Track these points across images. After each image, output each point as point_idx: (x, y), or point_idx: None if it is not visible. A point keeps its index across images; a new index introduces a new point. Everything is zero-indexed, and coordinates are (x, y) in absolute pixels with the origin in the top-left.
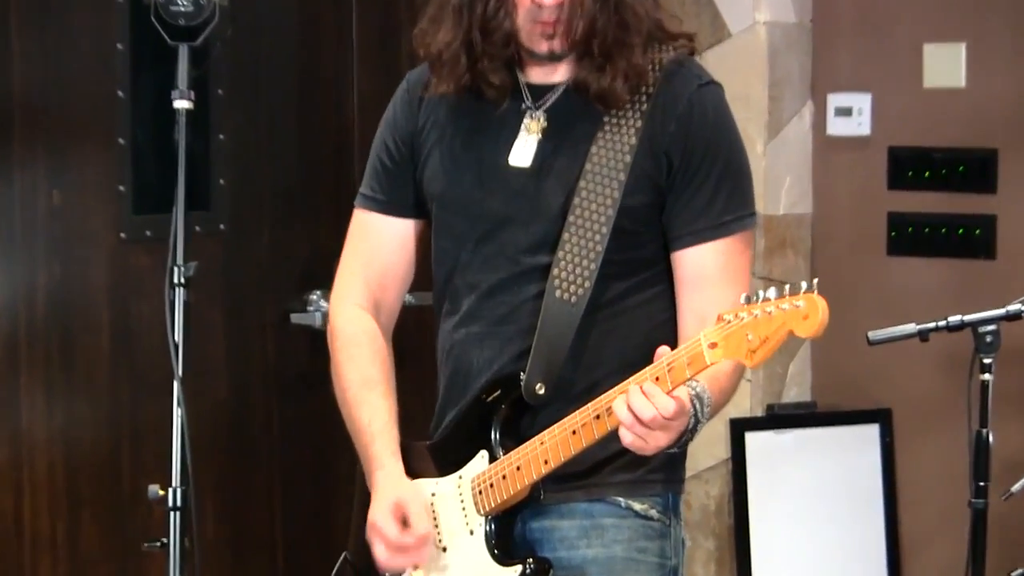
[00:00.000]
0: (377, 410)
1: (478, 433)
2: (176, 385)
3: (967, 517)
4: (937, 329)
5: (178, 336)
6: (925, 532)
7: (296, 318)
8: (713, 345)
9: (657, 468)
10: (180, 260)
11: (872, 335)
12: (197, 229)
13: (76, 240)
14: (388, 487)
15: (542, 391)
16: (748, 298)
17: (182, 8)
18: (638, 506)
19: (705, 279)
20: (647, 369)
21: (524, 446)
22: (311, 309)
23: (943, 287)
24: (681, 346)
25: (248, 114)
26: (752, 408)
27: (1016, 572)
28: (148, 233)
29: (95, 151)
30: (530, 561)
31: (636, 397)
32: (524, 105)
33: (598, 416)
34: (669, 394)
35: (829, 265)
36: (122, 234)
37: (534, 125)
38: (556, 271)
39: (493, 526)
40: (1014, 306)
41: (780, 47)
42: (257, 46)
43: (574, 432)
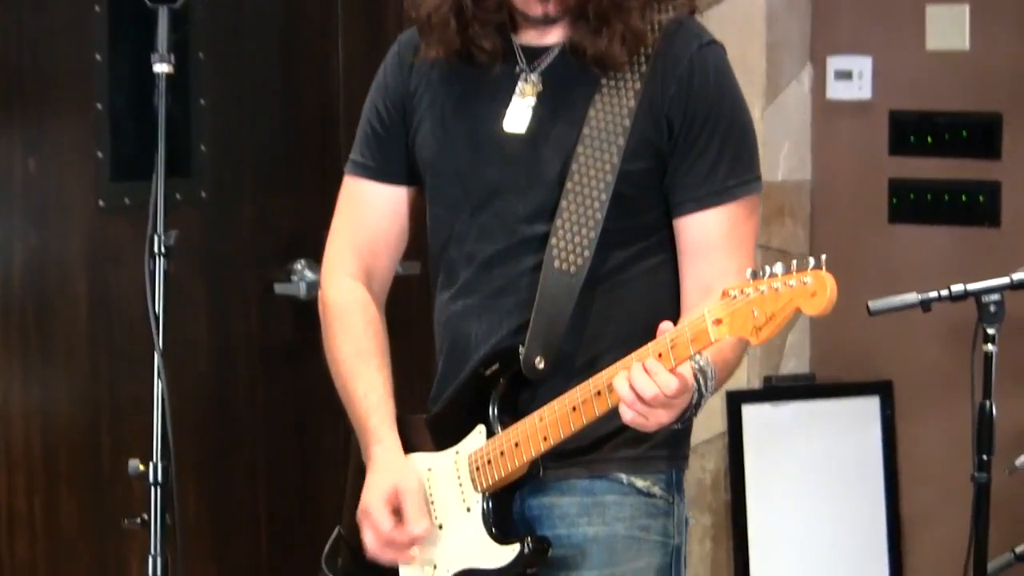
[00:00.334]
0: (372, 383)
1: (476, 408)
2: (157, 357)
3: (970, 491)
4: (939, 299)
5: (158, 307)
6: (927, 507)
7: (280, 288)
8: (718, 321)
9: (660, 444)
10: (160, 229)
11: (872, 305)
12: (177, 197)
13: (53, 208)
14: (384, 468)
15: (542, 365)
16: (754, 273)
17: None
18: (640, 483)
19: (709, 247)
20: (650, 345)
21: (523, 422)
22: (295, 279)
23: (946, 255)
24: (685, 322)
25: (230, 78)
26: (749, 380)
27: (1020, 547)
28: (127, 201)
29: (72, 117)
30: (529, 540)
31: (638, 374)
32: (518, 68)
33: (599, 392)
34: (672, 371)
35: (829, 233)
36: (100, 202)
37: (528, 88)
38: (554, 240)
39: (491, 503)
40: (1018, 275)
41: (778, 9)
42: (239, 8)
43: (574, 409)
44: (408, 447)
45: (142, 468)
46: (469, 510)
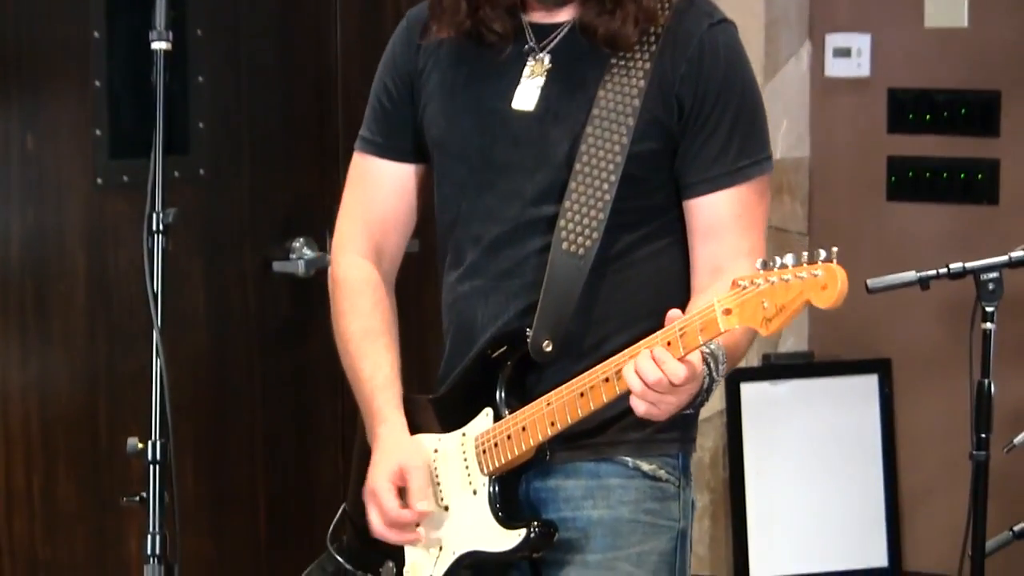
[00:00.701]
0: (379, 363)
1: (483, 390)
2: (155, 335)
3: (968, 470)
4: (938, 276)
5: (157, 285)
6: (925, 485)
7: (278, 266)
8: (727, 312)
9: (667, 427)
10: (158, 206)
11: (871, 283)
12: (176, 174)
13: (51, 186)
14: (390, 447)
15: (549, 348)
16: (765, 263)
17: None
18: (646, 466)
19: (720, 228)
20: (659, 333)
21: (530, 406)
22: (293, 257)
23: (944, 233)
24: (695, 311)
25: (228, 55)
26: (748, 358)
27: (1018, 525)
28: (125, 178)
29: (70, 94)
30: (535, 524)
31: (644, 362)
32: (527, 46)
33: (607, 379)
34: (680, 359)
35: (827, 211)
36: (98, 179)
37: (538, 67)
38: (563, 222)
39: (497, 487)
40: (1017, 252)
41: None
42: None
43: (582, 395)
44: (414, 428)
45: (140, 446)
46: (475, 492)
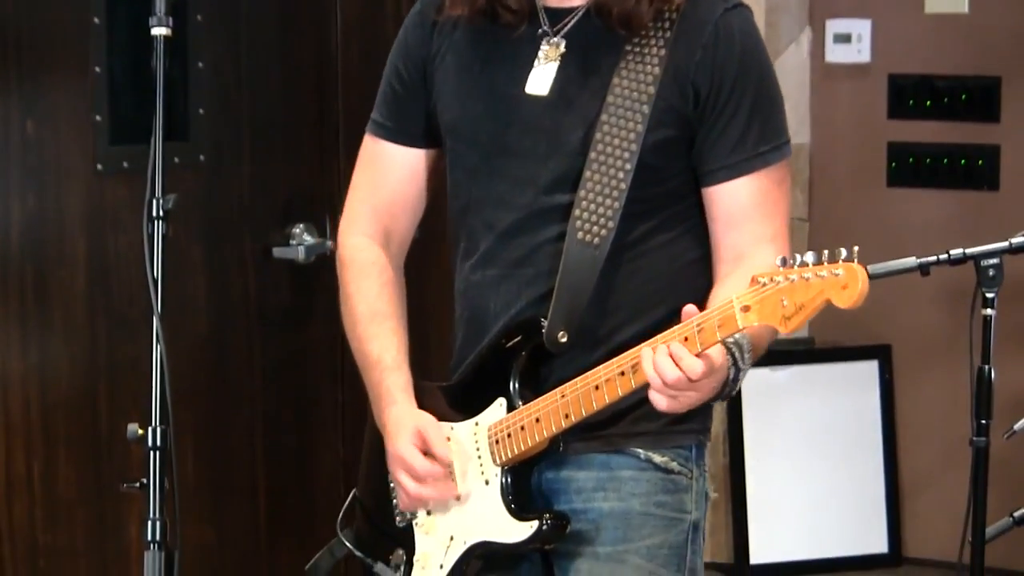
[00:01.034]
0: (387, 345)
1: (496, 379)
2: (155, 321)
3: (968, 456)
4: (938, 262)
5: (157, 271)
6: (925, 471)
7: (278, 252)
8: (746, 308)
9: (681, 419)
10: (159, 192)
11: (871, 269)
12: (176, 160)
13: (51, 172)
14: (405, 419)
15: (564, 339)
16: (784, 260)
17: None
18: (658, 458)
19: (742, 215)
20: (676, 328)
21: (544, 397)
22: (293, 243)
23: (944, 219)
24: (713, 307)
25: (228, 41)
26: None
27: (1018, 511)
28: (125, 164)
29: (70, 80)
30: (547, 516)
31: (662, 358)
32: (541, 30)
33: (622, 372)
34: (699, 355)
35: (827, 197)
36: (98, 165)
37: (552, 52)
38: (577, 212)
39: (509, 478)
40: (1018, 238)
41: None
42: None
43: (597, 387)
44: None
45: (141, 432)
46: (487, 483)
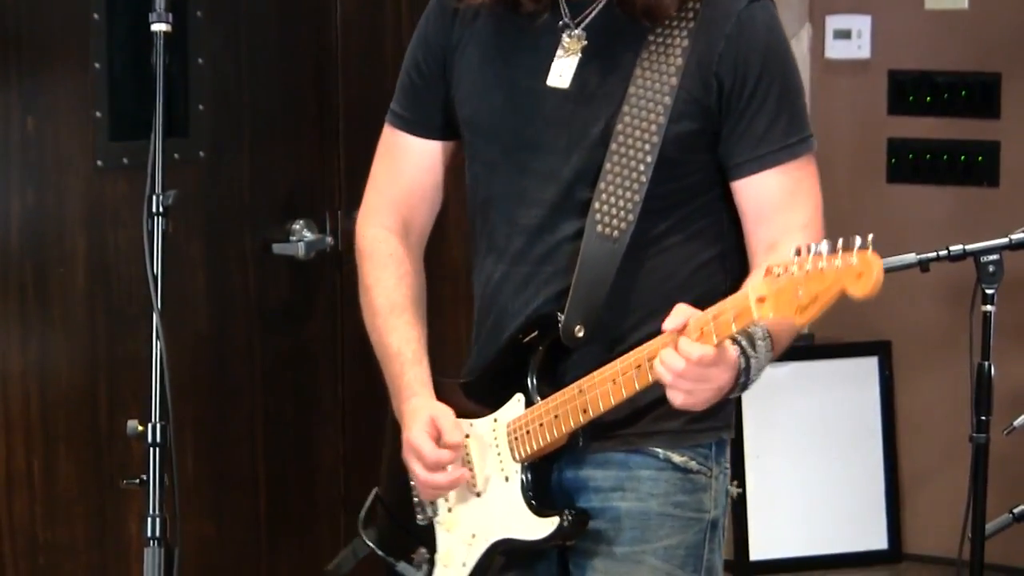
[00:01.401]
0: (407, 337)
1: (514, 375)
2: (155, 317)
3: (968, 452)
4: (938, 259)
5: (157, 267)
6: (925, 468)
7: (278, 248)
8: (761, 300)
9: (701, 416)
10: (159, 188)
11: None
12: (175, 156)
13: (51, 168)
14: (421, 409)
15: (581, 334)
16: (799, 250)
17: None
18: (677, 458)
19: (773, 208)
20: (692, 319)
21: (562, 393)
22: (293, 239)
23: (944, 215)
24: (728, 298)
25: (228, 37)
26: None
27: (1018, 508)
28: (125, 160)
29: (70, 76)
30: (568, 513)
31: (669, 355)
32: (562, 21)
33: (639, 366)
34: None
35: (827, 193)
36: (98, 161)
37: (573, 44)
38: (597, 204)
39: (530, 475)
40: (1017, 235)
41: None
42: None
43: (614, 382)
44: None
45: (140, 428)
46: (507, 479)
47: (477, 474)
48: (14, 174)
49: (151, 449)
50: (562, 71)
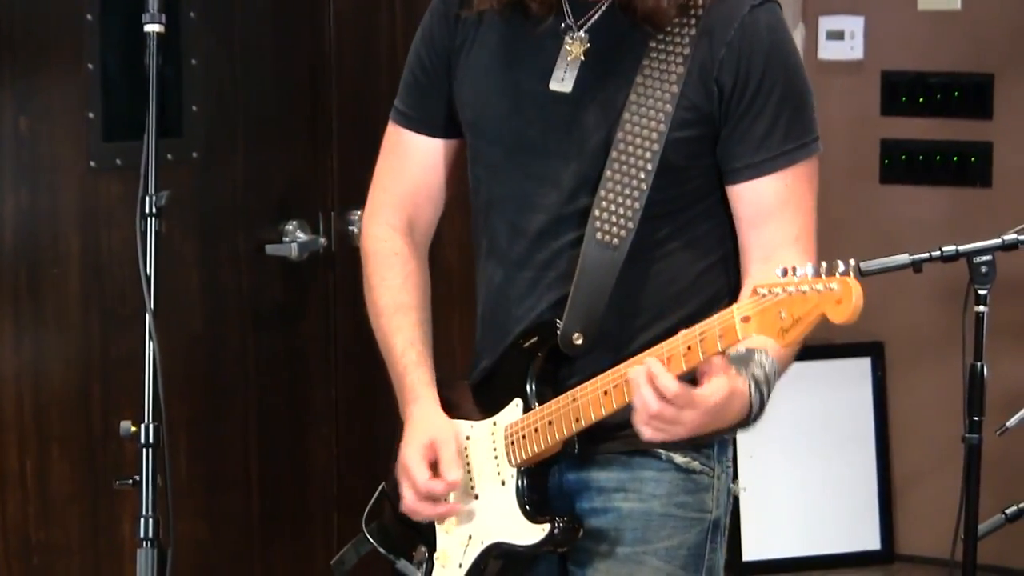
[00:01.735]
0: (411, 338)
1: (514, 380)
2: (148, 318)
3: (961, 452)
4: (931, 259)
5: (150, 268)
6: (918, 468)
7: (271, 249)
8: (746, 319)
9: None
10: (152, 189)
11: (864, 265)
12: (169, 157)
13: (44, 168)
14: (422, 423)
15: (579, 341)
16: (785, 271)
17: None
18: (680, 458)
19: (768, 214)
20: (680, 336)
21: (557, 400)
22: (287, 240)
23: (937, 216)
24: (715, 315)
25: (221, 38)
26: None
27: (1011, 508)
28: (118, 161)
29: (63, 77)
30: (559, 520)
31: (644, 387)
32: (564, 24)
33: (628, 380)
34: (714, 371)
35: (820, 193)
36: (92, 162)
37: (576, 48)
38: (597, 212)
39: (525, 480)
40: (1010, 235)
41: None
42: None
43: (605, 393)
44: (448, 411)
45: (134, 429)
46: (504, 483)
47: (476, 476)
48: (7, 174)
49: (144, 450)
50: (565, 75)
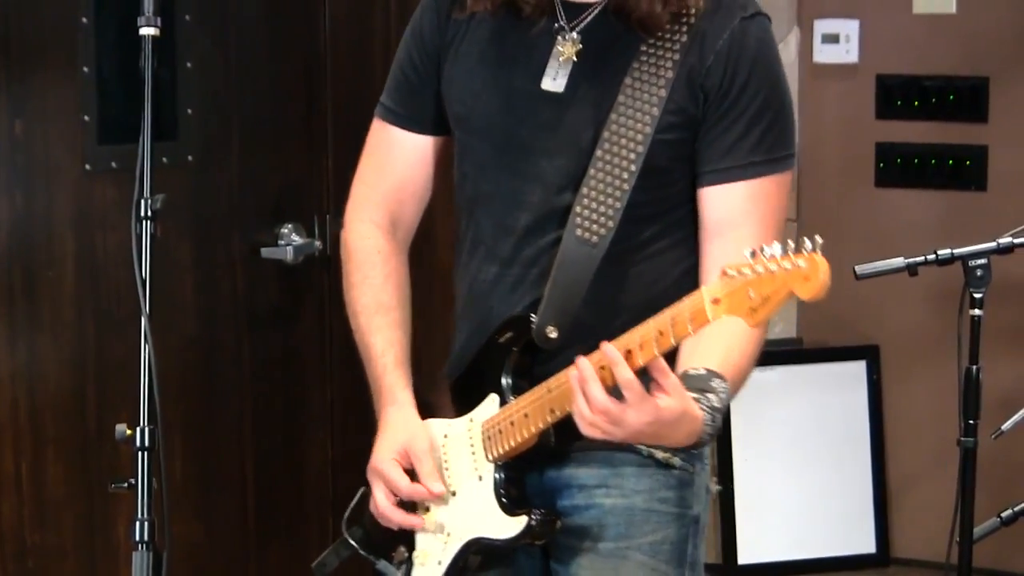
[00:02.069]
0: (391, 339)
1: (491, 376)
2: (143, 321)
3: (956, 456)
4: (926, 263)
5: (145, 271)
6: (913, 472)
7: (267, 252)
8: (716, 301)
9: None
10: (147, 192)
11: (859, 269)
12: (164, 160)
13: (39, 171)
14: (398, 427)
15: (554, 335)
16: (753, 252)
17: None
18: (660, 454)
19: (730, 223)
20: (651, 321)
21: (532, 392)
22: (282, 243)
23: (932, 219)
24: (684, 299)
25: (216, 41)
26: None
27: (1006, 512)
28: (114, 164)
29: (58, 80)
30: (536, 512)
31: (592, 384)
32: (557, 25)
33: (603, 367)
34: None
35: (815, 196)
36: (87, 165)
37: (568, 48)
38: (579, 209)
39: (502, 474)
40: (1005, 239)
41: None
42: None
43: None
44: (426, 412)
45: (129, 432)
46: (481, 479)
47: (453, 473)
48: (2, 178)
49: (139, 453)
50: (557, 75)
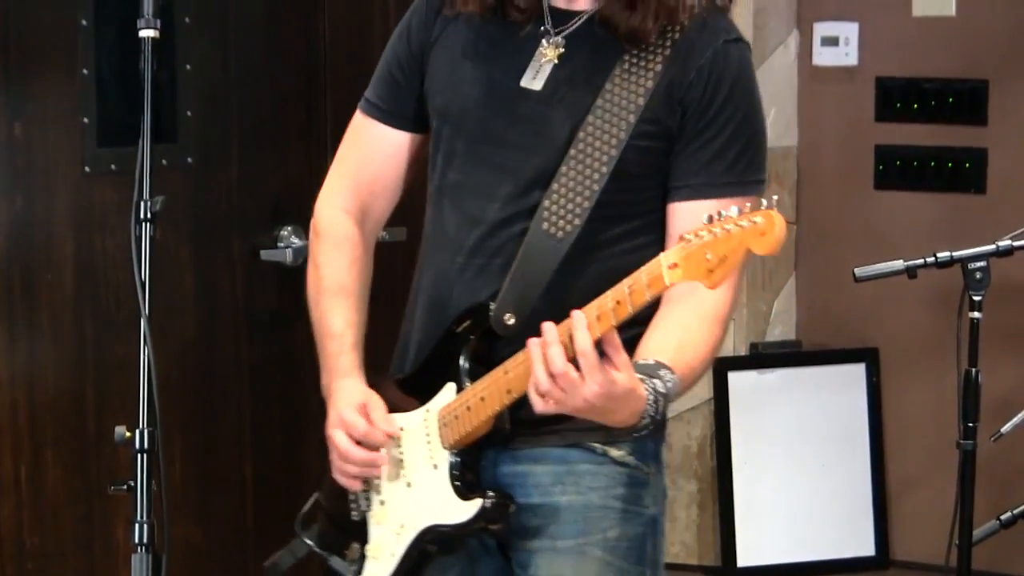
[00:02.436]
0: (351, 322)
1: (447, 365)
2: (143, 323)
3: (955, 458)
4: (925, 265)
5: (144, 273)
6: (912, 475)
7: (266, 254)
8: (673, 266)
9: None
10: (146, 194)
11: (859, 272)
12: (163, 162)
13: (39, 174)
14: (353, 390)
15: (511, 322)
16: (710, 217)
17: None
18: (615, 452)
19: None
20: (609, 292)
21: (489, 375)
22: (281, 245)
23: (932, 222)
24: (642, 267)
25: (215, 43)
26: (735, 347)
27: (1005, 514)
28: (113, 167)
29: (58, 82)
30: (490, 494)
31: (553, 347)
32: (543, 28)
33: (567, 339)
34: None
35: (815, 199)
36: (86, 167)
37: (551, 51)
38: (547, 203)
39: (457, 459)
40: (1004, 242)
41: None
42: None
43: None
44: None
45: (128, 434)
46: (436, 467)
47: (408, 466)
48: (2, 180)
49: (139, 455)
50: (537, 74)
